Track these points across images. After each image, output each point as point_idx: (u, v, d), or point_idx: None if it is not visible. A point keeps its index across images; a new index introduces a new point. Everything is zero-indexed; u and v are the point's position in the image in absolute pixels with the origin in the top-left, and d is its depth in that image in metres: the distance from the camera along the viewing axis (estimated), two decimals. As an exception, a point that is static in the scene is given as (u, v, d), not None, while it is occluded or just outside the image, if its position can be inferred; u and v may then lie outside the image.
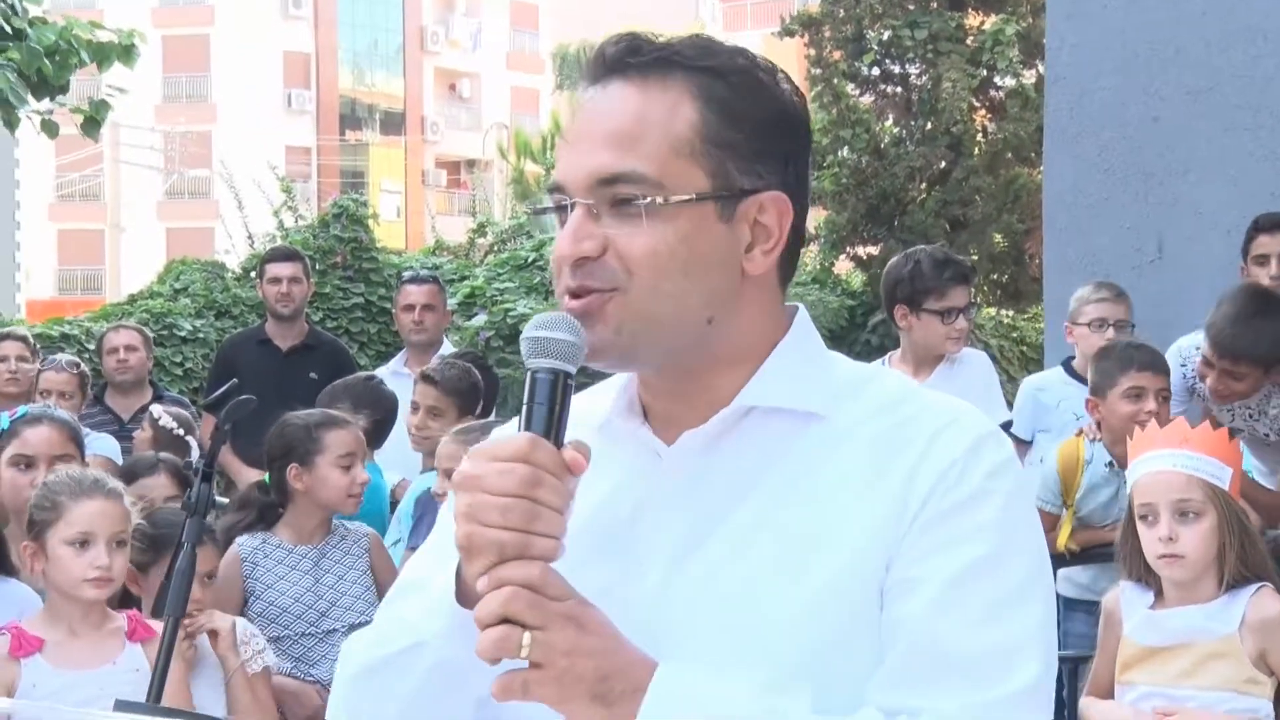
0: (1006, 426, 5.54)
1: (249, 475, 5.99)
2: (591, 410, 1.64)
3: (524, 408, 1.49)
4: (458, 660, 1.51)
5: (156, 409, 5.89)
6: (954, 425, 1.55)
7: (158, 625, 3.52)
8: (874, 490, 1.51)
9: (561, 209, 1.56)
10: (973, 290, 5.38)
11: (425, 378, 5.43)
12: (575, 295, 1.53)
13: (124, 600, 3.69)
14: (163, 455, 4.94)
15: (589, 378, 1.58)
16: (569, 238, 1.52)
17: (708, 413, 1.57)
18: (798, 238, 1.62)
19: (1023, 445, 5.46)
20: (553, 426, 1.47)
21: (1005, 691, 1.46)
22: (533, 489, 1.43)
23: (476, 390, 5.39)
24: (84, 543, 3.45)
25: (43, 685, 3.33)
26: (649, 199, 1.51)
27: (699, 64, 1.56)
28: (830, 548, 1.50)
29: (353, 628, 4.04)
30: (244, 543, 4.29)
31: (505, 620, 1.42)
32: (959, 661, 1.46)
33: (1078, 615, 5.01)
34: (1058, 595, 5.25)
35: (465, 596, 1.49)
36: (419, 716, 1.58)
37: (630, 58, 1.56)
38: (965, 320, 5.28)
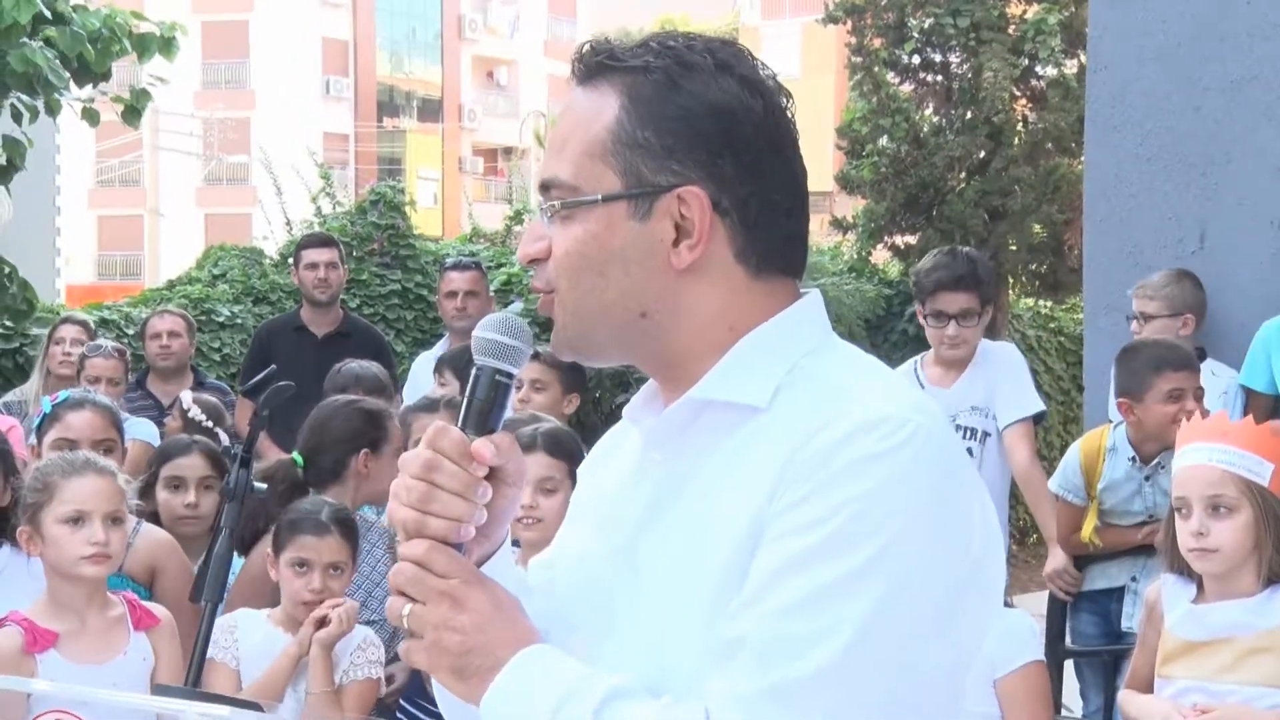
0: (1039, 417, 5.49)
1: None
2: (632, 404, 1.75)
3: (464, 401, 1.63)
4: None
5: (186, 398, 5.94)
6: (843, 416, 1.50)
7: (158, 611, 3.54)
8: (760, 481, 1.52)
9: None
10: (981, 300, 5.16)
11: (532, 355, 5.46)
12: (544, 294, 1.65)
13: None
14: (197, 437, 4.97)
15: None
16: (524, 240, 1.65)
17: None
18: (770, 226, 1.60)
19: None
20: (484, 418, 1.61)
21: (780, 678, 1.43)
22: (430, 473, 1.56)
23: (579, 367, 5.33)
24: (78, 520, 3.45)
25: (59, 680, 3.32)
26: (557, 203, 1.61)
27: (629, 64, 1.61)
28: (721, 539, 1.54)
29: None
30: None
31: (399, 592, 1.57)
32: (745, 650, 1.46)
33: (1081, 613, 5.00)
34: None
35: None
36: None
37: (578, 63, 1.65)
38: (959, 328, 5.13)
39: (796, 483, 1.49)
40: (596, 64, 1.63)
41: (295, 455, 4.37)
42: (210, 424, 5.73)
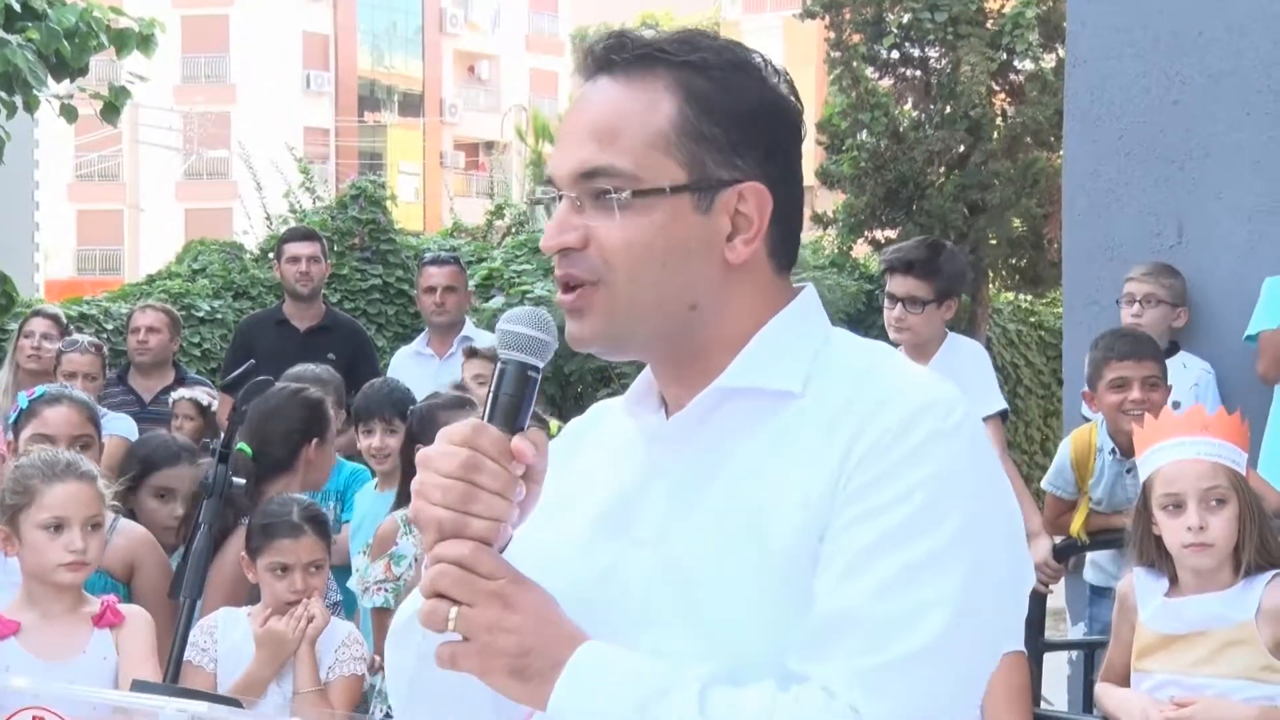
0: (1003, 415, 5.50)
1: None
2: (617, 401, 1.74)
3: (489, 396, 1.58)
4: None
5: (181, 393, 5.99)
6: (898, 397, 1.56)
7: (126, 610, 3.53)
8: (817, 464, 1.55)
9: (554, 200, 1.63)
10: (932, 288, 5.10)
11: (472, 353, 5.51)
12: (566, 286, 1.60)
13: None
14: (186, 445, 4.95)
15: (633, 366, 1.64)
16: (552, 229, 1.60)
17: (694, 397, 1.63)
18: (793, 225, 1.67)
19: None
20: (512, 415, 1.56)
21: (898, 653, 1.47)
22: (471, 472, 1.51)
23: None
24: (58, 526, 3.44)
25: (15, 669, 3.29)
26: (624, 192, 1.57)
27: (681, 59, 1.61)
28: (776, 523, 1.55)
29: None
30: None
31: (438, 594, 1.51)
32: (854, 627, 1.48)
33: (1104, 602, 5.01)
34: (1087, 584, 5.25)
35: None
36: (427, 685, 1.66)
37: (615, 55, 1.62)
38: (904, 312, 5.09)
39: (869, 463, 1.52)
40: (639, 56, 1.61)
41: (243, 446, 4.35)
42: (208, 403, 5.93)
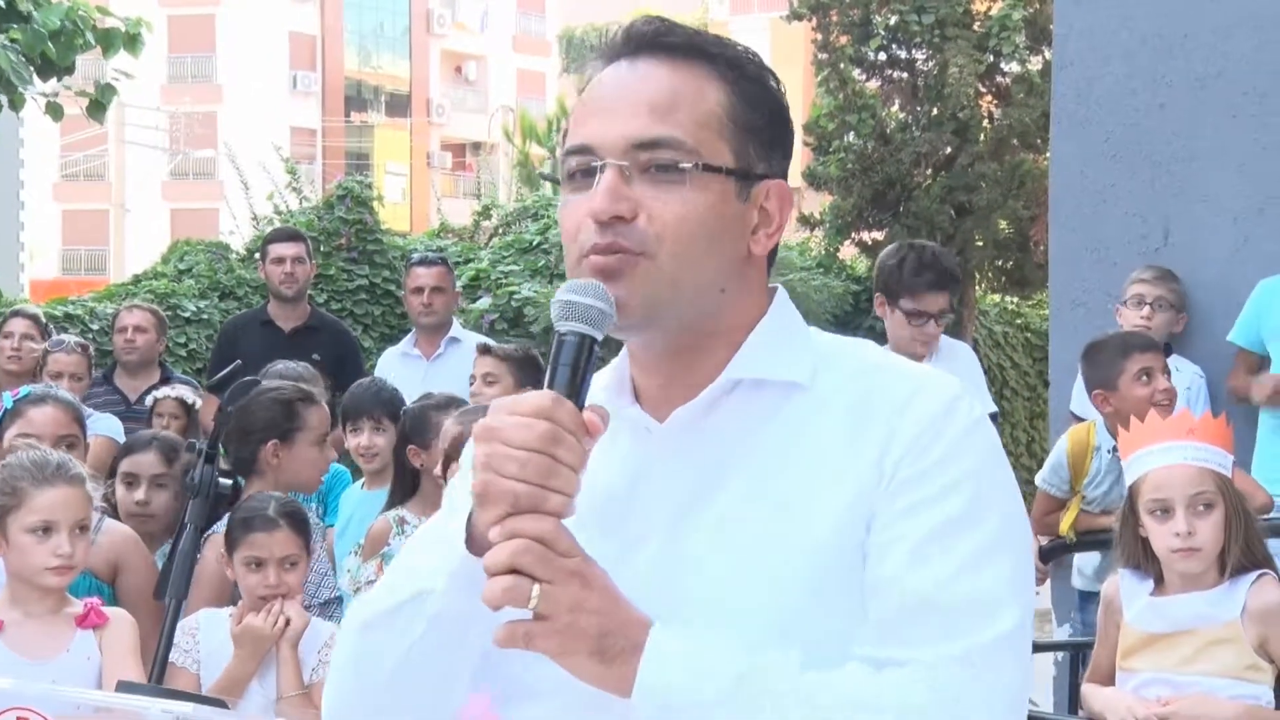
0: (993, 418, 5.53)
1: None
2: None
3: (549, 368, 1.53)
4: (460, 610, 1.56)
5: (163, 391, 5.98)
6: (927, 389, 1.61)
7: (110, 612, 3.52)
8: (853, 455, 1.57)
9: (587, 172, 1.60)
10: (952, 298, 5.27)
11: (485, 350, 5.51)
12: (608, 251, 1.57)
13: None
14: (158, 433, 4.95)
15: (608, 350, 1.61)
16: (605, 195, 1.57)
17: (696, 389, 1.63)
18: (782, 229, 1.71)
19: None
20: (574, 388, 1.52)
21: (984, 639, 1.51)
22: (552, 445, 1.46)
23: (535, 362, 5.34)
24: (46, 530, 3.42)
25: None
26: (693, 163, 1.57)
27: (721, 54, 1.64)
28: (815, 514, 1.56)
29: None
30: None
31: (514, 571, 1.45)
32: (938, 612, 1.52)
33: (1092, 607, 5.03)
34: (1075, 590, 5.27)
35: (475, 544, 1.53)
36: (413, 671, 1.62)
37: (663, 38, 1.63)
38: (936, 326, 5.17)
39: (914, 456, 1.56)
40: (685, 44, 1.62)
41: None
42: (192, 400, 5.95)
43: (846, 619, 1.54)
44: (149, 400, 6.31)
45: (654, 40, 1.63)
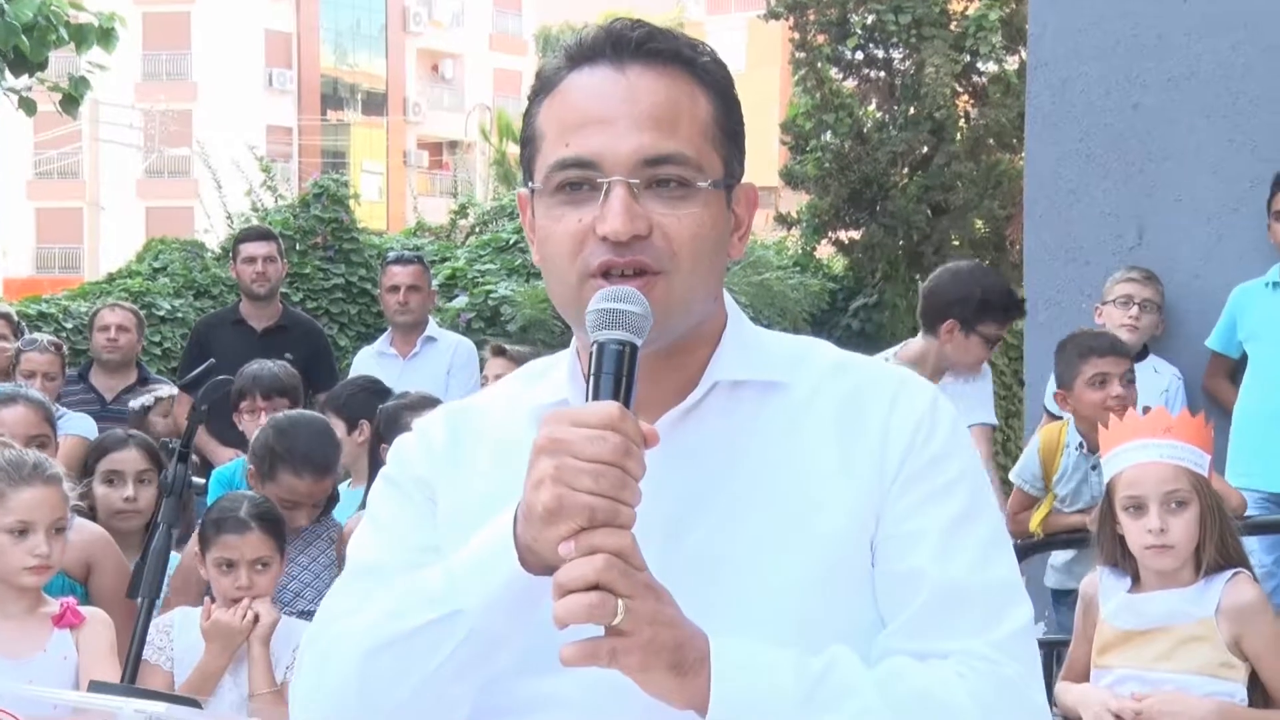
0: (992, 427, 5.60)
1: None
2: (533, 396, 1.67)
3: (591, 378, 1.50)
4: (492, 631, 1.51)
5: (146, 399, 5.98)
6: (909, 385, 1.66)
7: (87, 611, 3.51)
8: (851, 452, 1.60)
9: (588, 186, 1.56)
10: None
11: (499, 350, 5.58)
12: (636, 272, 1.55)
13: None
14: (133, 431, 4.93)
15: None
16: (623, 215, 1.54)
17: (674, 392, 1.63)
18: None
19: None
20: (621, 397, 1.48)
21: (1016, 625, 1.57)
22: (624, 458, 1.43)
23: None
24: (23, 530, 3.42)
25: None
26: (707, 181, 1.58)
27: (697, 59, 1.62)
28: (822, 511, 1.57)
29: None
30: None
31: (595, 587, 1.41)
32: (972, 602, 1.56)
33: (1064, 606, 5.05)
34: (1048, 589, 5.30)
35: (533, 559, 1.48)
36: (431, 695, 1.54)
37: (649, 45, 1.60)
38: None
39: (916, 450, 1.60)
40: (671, 51, 1.60)
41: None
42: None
43: (856, 615, 1.57)
44: (132, 408, 6.28)
45: (640, 47, 1.59)
